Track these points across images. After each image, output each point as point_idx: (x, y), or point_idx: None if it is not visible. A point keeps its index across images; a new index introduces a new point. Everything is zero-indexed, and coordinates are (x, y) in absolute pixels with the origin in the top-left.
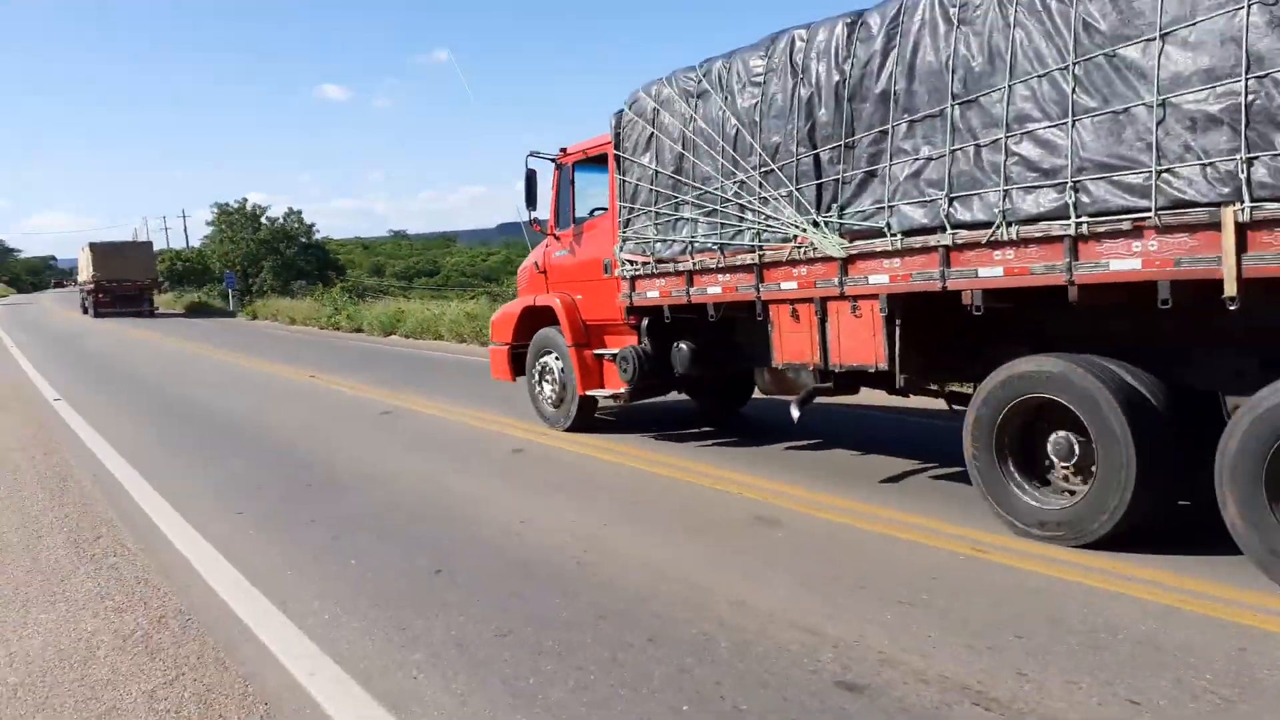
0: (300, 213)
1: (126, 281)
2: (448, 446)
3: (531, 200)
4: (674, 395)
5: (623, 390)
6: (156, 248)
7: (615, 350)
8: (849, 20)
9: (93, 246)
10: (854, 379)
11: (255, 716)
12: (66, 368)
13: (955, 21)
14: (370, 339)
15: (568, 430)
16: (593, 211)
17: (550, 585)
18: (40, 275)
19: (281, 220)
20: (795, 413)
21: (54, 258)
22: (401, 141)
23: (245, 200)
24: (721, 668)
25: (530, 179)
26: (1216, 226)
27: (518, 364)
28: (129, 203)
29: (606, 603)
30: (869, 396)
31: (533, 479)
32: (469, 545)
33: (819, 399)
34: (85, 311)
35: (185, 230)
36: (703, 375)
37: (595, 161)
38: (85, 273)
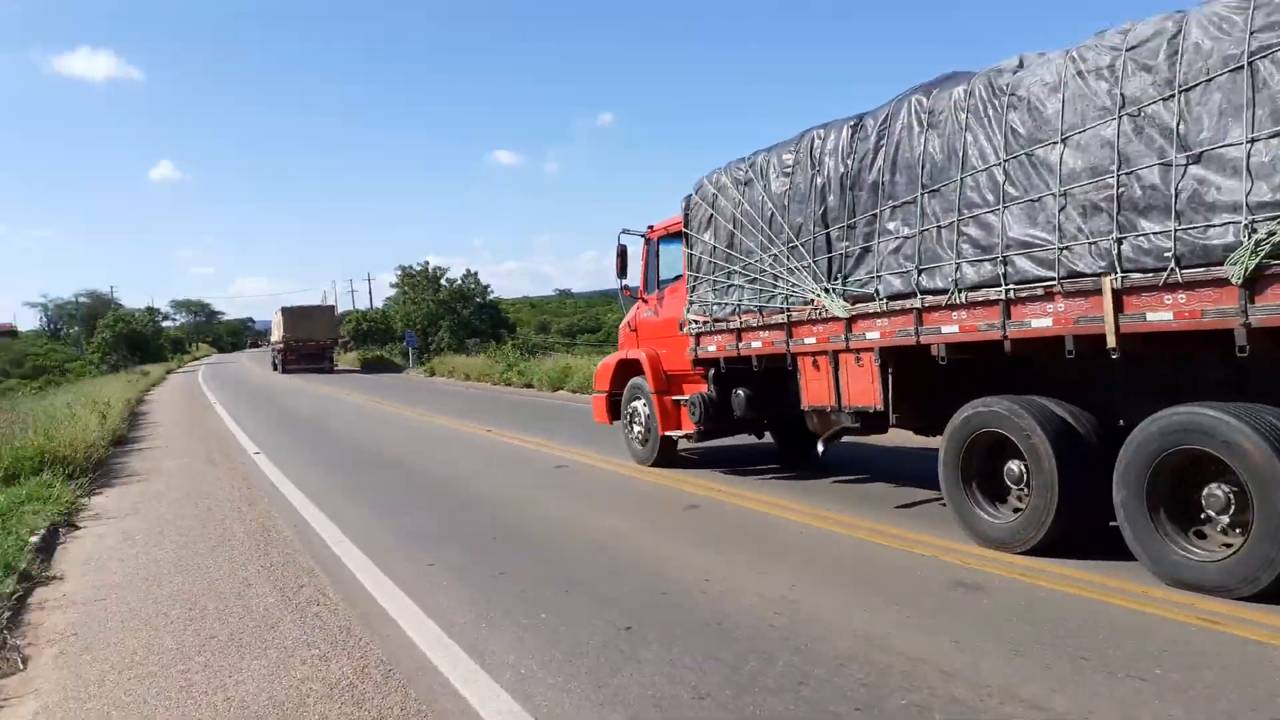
0: (477, 274)
1: (311, 341)
2: (623, 501)
3: (623, 270)
4: (745, 438)
5: (693, 431)
6: (343, 309)
7: (688, 396)
8: (853, 123)
9: (284, 310)
10: (875, 420)
11: None
12: (262, 422)
13: (926, 125)
14: (540, 394)
15: (652, 465)
16: (676, 278)
17: (745, 647)
18: (239, 336)
19: (460, 281)
20: (820, 448)
21: (252, 319)
22: (567, 203)
23: (427, 263)
24: None
25: (621, 253)
26: (1099, 292)
27: (614, 409)
28: (320, 266)
29: (806, 667)
30: None
31: (712, 535)
32: (656, 602)
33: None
34: (275, 368)
35: (370, 292)
36: (758, 417)
37: (674, 236)
38: (277, 333)
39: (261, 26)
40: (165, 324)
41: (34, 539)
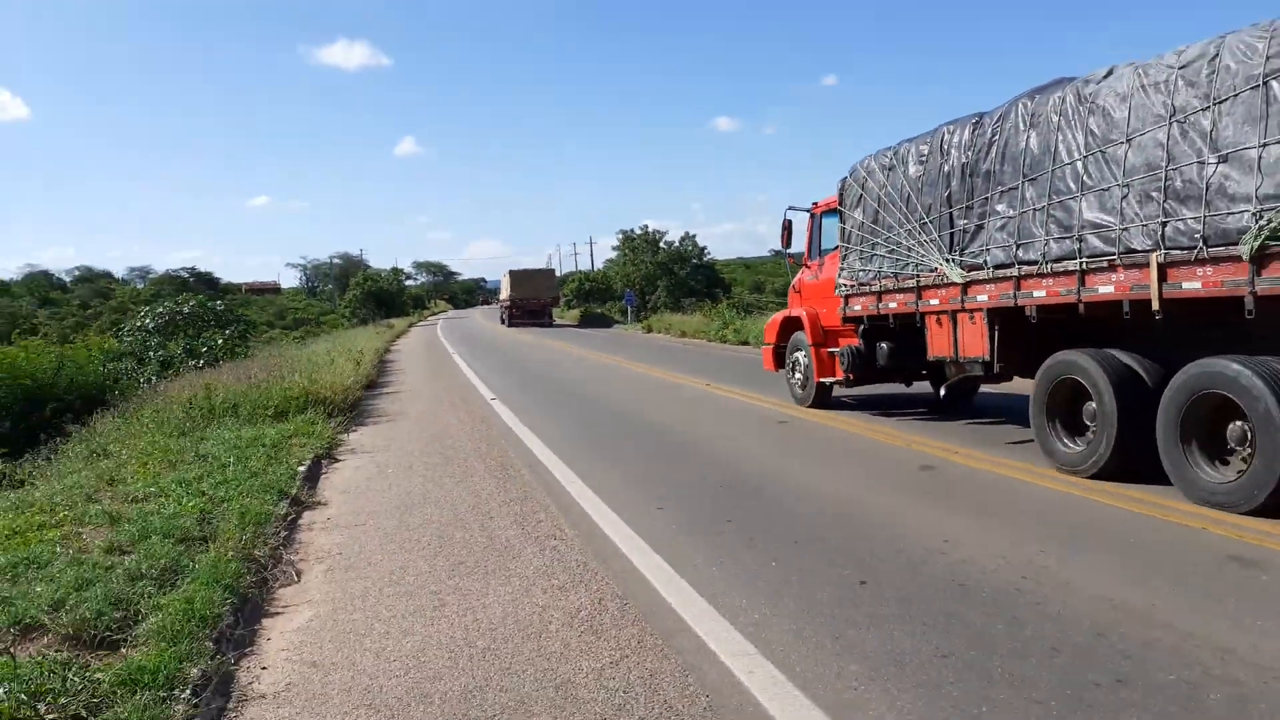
0: (695, 237)
1: (533, 300)
2: (850, 457)
3: (787, 242)
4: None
5: (842, 379)
6: (566, 270)
7: (840, 349)
8: (974, 120)
9: (510, 273)
10: (986, 368)
11: (698, 708)
12: (495, 371)
13: (1029, 124)
14: (756, 351)
15: (810, 407)
16: (834, 247)
17: (990, 610)
18: (472, 294)
19: (677, 244)
20: (941, 391)
21: (485, 279)
22: (784, 165)
23: (646, 226)
24: None
25: (786, 226)
26: (1148, 265)
27: (779, 359)
28: (546, 230)
29: (1059, 635)
30: None
31: (948, 496)
32: (891, 560)
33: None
34: (502, 322)
35: (591, 254)
36: (898, 367)
37: (833, 211)
38: (505, 292)
39: (496, 6)
40: (408, 283)
41: (301, 469)
